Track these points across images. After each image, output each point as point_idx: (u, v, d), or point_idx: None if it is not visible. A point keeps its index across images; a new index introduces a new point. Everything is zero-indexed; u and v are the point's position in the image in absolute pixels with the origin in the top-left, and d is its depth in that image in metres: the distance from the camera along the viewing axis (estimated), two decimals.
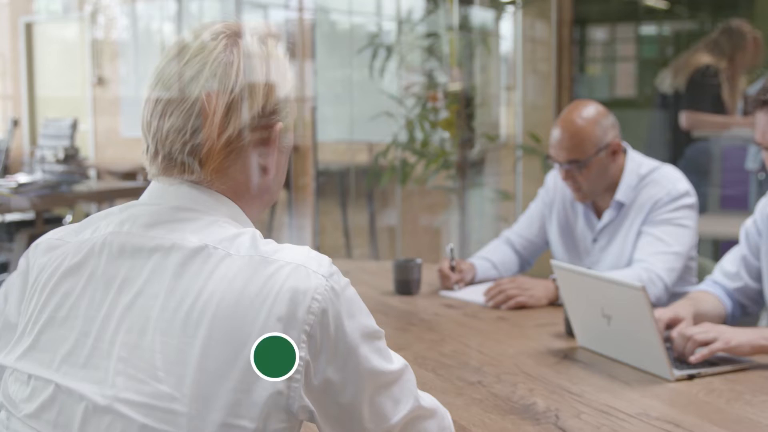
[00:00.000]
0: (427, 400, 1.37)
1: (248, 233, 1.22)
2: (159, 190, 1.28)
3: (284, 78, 1.30)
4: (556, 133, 2.81)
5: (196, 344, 1.14)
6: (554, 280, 2.64)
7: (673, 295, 2.71)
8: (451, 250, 2.94)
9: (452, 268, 2.88)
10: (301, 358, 1.15)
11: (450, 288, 2.87)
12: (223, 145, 1.23)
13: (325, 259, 1.21)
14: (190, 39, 1.27)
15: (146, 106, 1.26)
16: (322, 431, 1.23)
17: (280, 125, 1.29)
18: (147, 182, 1.32)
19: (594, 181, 2.80)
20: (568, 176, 2.80)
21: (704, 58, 4.83)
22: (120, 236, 1.23)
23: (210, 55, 1.24)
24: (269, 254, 1.18)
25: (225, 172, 1.26)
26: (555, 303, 2.67)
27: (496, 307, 2.66)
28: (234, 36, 1.27)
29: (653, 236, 2.74)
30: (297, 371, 1.15)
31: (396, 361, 1.28)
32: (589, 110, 2.79)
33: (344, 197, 5.99)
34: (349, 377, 1.20)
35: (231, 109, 1.23)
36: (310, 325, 1.15)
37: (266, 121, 1.27)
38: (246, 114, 1.24)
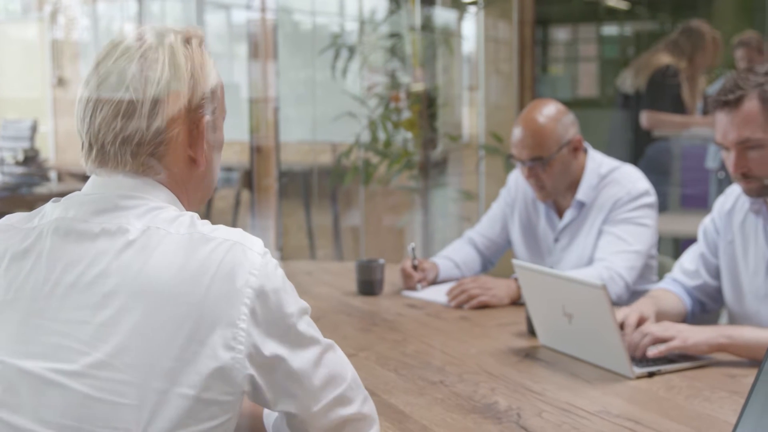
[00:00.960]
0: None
1: (187, 215, 1.30)
2: (99, 182, 1.35)
3: (208, 75, 1.37)
4: (517, 132, 2.82)
5: (137, 317, 1.21)
6: (516, 279, 2.65)
7: (633, 293, 2.73)
8: (413, 249, 2.94)
9: (414, 267, 2.88)
10: (242, 329, 1.22)
11: (413, 287, 2.87)
12: (152, 136, 1.31)
13: (258, 240, 1.30)
14: (117, 41, 1.36)
15: (79, 104, 1.34)
16: (268, 402, 1.30)
17: (206, 119, 1.36)
18: None
19: (557, 179, 2.82)
20: (531, 174, 2.82)
21: (664, 59, 4.87)
22: (66, 221, 1.30)
23: (136, 53, 1.32)
24: (207, 233, 1.27)
25: (157, 163, 1.33)
26: (517, 302, 2.68)
27: (459, 306, 2.67)
28: (159, 36, 1.35)
29: (614, 235, 2.76)
30: (239, 342, 1.22)
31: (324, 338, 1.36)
32: (550, 108, 2.82)
33: (308, 198, 5.97)
34: (292, 348, 1.28)
35: (158, 102, 1.30)
36: (249, 299, 1.23)
37: (193, 115, 1.35)
38: (172, 107, 1.32)
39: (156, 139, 1.31)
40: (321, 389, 1.32)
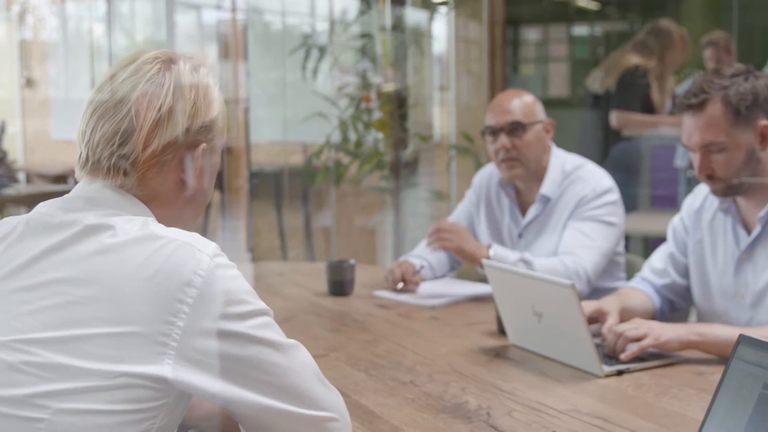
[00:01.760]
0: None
1: (142, 218, 1.34)
2: (81, 189, 1.39)
3: (211, 104, 1.42)
4: (498, 101, 2.93)
5: (70, 304, 1.25)
6: (489, 246, 2.78)
7: (602, 291, 2.75)
8: (422, 268, 2.96)
9: (403, 280, 2.87)
10: (179, 327, 1.24)
11: (392, 287, 2.86)
12: (148, 157, 1.35)
13: (212, 243, 1.32)
14: (128, 60, 1.40)
15: (83, 117, 1.39)
16: (212, 401, 1.31)
17: (203, 146, 1.41)
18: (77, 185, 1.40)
19: (530, 150, 2.86)
20: (505, 145, 2.83)
21: (633, 59, 4.90)
22: (37, 215, 1.37)
23: (144, 76, 1.37)
24: (158, 231, 1.30)
25: (146, 183, 1.37)
26: (479, 265, 2.75)
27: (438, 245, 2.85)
28: (168, 62, 1.40)
29: (579, 231, 2.78)
30: (173, 339, 1.24)
31: (287, 338, 1.36)
32: (526, 93, 2.96)
33: (279, 199, 5.95)
34: (234, 350, 1.28)
35: (158, 125, 1.35)
36: (192, 298, 1.25)
37: (190, 141, 1.39)
38: (170, 132, 1.36)
39: (150, 161, 1.35)
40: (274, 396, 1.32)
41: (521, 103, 2.88)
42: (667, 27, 4.94)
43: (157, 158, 1.36)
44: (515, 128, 2.85)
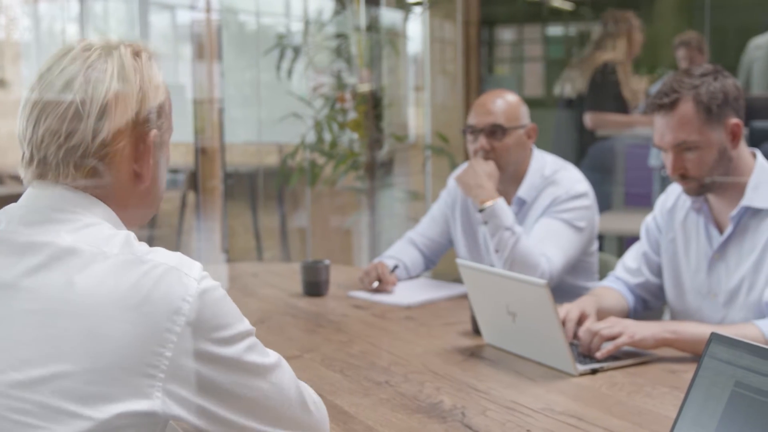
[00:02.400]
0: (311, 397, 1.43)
1: (122, 234, 1.26)
2: (33, 195, 1.31)
3: (156, 90, 1.35)
4: (481, 101, 2.91)
5: (53, 337, 1.17)
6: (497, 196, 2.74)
7: (575, 291, 2.76)
8: (396, 268, 2.95)
9: (378, 280, 2.87)
10: (167, 357, 1.19)
11: (368, 287, 2.86)
12: (98, 148, 1.28)
13: (197, 264, 1.26)
14: (62, 51, 1.32)
15: (22, 113, 1.31)
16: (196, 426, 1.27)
17: (154, 132, 1.34)
18: None
19: (509, 154, 2.85)
20: (484, 145, 2.83)
21: (600, 56, 4.92)
22: None
23: (84, 63, 1.29)
24: (142, 254, 1.23)
25: (99, 177, 1.30)
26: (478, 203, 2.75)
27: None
28: (108, 48, 1.33)
29: (548, 228, 2.78)
30: (161, 371, 1.19)
31: (272, 356, 1.33)
32: (512, 94, 2.94)
33: (254, 199, 5.93)
34: (225, 375, 1.25)
35: (105, 113, 1.27)
36: (180, 326, 1.20)
37: (140, 128, 1.32)
38: (119, 119, 1.29)
39: (101, 151, 1.28)
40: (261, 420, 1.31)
41: (505, 106, 2.87)
42: (621, 13, 4.98)
43: (107, 148, 1.28)
44: (495, 131, 2.84)
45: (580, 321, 2.24)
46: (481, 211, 2.72)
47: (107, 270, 1.20)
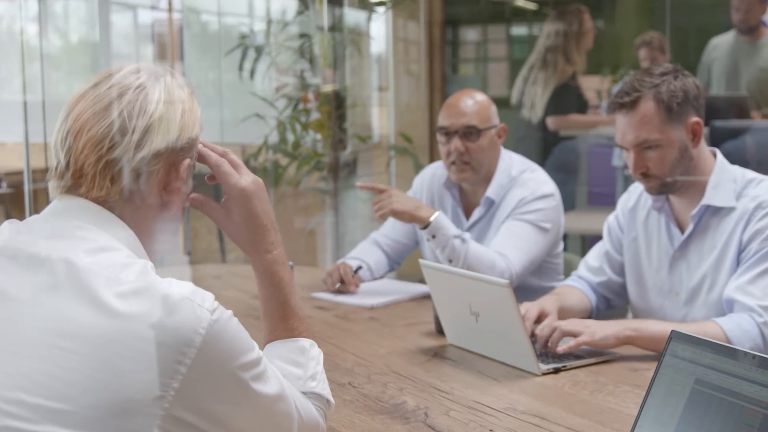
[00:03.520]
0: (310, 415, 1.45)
1: (140, 263, 1.25)
2: (60, 208, 1.31)
3: (196, 121, 1.38)
4: (454, 102, 2.88)
5: (70, 367, 1.17)
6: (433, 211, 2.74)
7: (539, 290, 2.76)
8: (359, 269, 2.94)
9: (342, 281, 2.86)
10: (173, 389, 1.18)
11: (331, 288, 2.85)
12: (136, 165, 1.29)
13: (209, 295, 1.26)
14: (114, 70, 1.35)
15: (63, 123, 1.31)
16: None
17: (187, 162, 1.36)
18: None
19: (482, 155, 2.85)
20: (458, 147, 2.82)
21: (563, 70, 4.93)
22: (15, 243, 1.28)
23: (135, 83, 1.32)
24: (156, 284, 1.21)
25: (131, 196, 1.31)
26: (420, 224, 2.73)
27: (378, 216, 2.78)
28: (156, 74, 1.35)
29: (512, 231, 2.79)
30: (166, 401, 1.18)
31: (274, 384, 1.34)
32: (482, 95, 2.93)
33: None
34: (229, 406, 1.26)
35: (148, 131, 1.29)
36: (191, 359, 1.19)
37: (175, 155, 1.34)
38: (160, 141, 1.31)
39: (138, 170, 1.30)
40: None
41: (478, 107, 2.86)
42: (571, 8, 5.02)
43: (144, 168, 1.29)
44: (470, 132, 2.83)
45: (540, 319, 2.24)
46: (426, 227, 2.72)
47: (121, 298, 1.19)
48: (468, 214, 2.96)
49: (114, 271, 1.22)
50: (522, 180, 2.88)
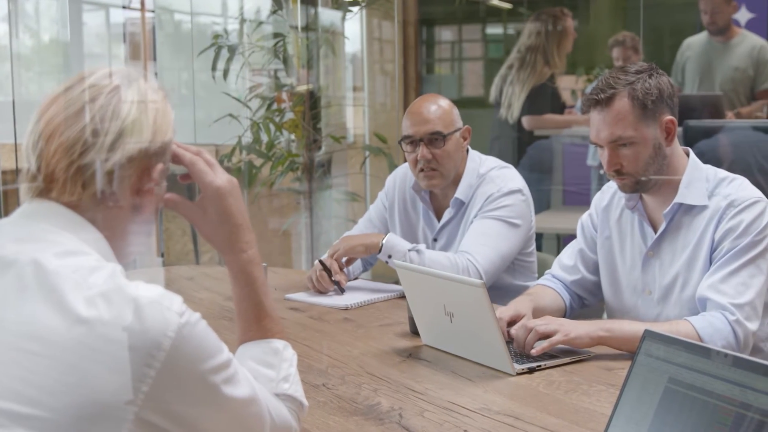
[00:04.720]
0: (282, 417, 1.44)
1: (108, 267, 1.24)
2: (30, 210, 1.31)
3: (169, 126, 1.36)
4: (416, 109, 2.87)
5: (39, 371, 1.16)
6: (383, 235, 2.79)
7: (514, 291, 2.76)
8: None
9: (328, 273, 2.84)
10: (143, 392, 1.17)
11: (329, 287, 2.83)
12: (108, 170, 1.28)
13: (178, 298, 1.24)
14: (86, 74, 1.33)
15: (35, 127, 1.30)
16: None
17: (160, 166, 1.34)
18: None
19: (450, 159, 2.84)
20: (425, 154, 2.81)
21: (545, 71, 4.93)
22: None
23: (107, 87, 1.30)
24: (124, 288, 1.21)
25: (103, 200, 1.29)
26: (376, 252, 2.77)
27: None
28: (129, 77, 1.34)
29: (479, 230, 2.78)
30: (135, 405, 1.17)
31: (245, 387, 1.33)
32: (443, 99, 2.91)
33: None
34: (199, 409, 1.25)
35: (121, 136, 1.28)
36: (160, 362, 1.18)
37: (148, 160, 1.32)
38: (133, 145, 1.29)
39: (110, 174, 1.28)
40: None
41: (441, 112, 2.84)
42: (550, 10, 5.03)
43: (117, 172, 1.28)
44: (435, 138, 2.82)
45: (515, 321, 2.24)
46: (379, 251, 2.75)
47: (89, 302, 1.19)
48: (439, 215, 2.95)
49: (82, 275, 1.21)
50: (489, 177, 2.88)
